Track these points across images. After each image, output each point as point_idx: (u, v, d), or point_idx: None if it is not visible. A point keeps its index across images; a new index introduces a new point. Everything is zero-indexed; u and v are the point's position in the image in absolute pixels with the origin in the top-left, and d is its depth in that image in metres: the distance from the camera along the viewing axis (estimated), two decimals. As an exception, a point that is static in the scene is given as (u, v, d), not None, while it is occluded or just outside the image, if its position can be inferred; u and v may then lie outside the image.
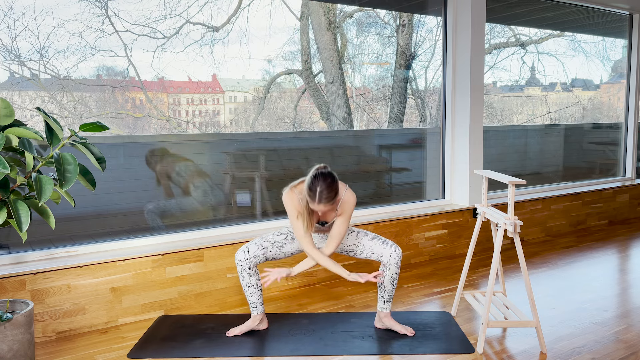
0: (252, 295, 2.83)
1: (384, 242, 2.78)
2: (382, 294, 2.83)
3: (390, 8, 4.59)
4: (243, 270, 2.77)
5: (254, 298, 2.84)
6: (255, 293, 2.83)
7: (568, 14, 5.54)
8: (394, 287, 2.81)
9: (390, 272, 2.76)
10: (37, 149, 2.50)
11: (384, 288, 2.81)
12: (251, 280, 2.79)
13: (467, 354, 2.60)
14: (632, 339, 2.77)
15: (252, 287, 2.81)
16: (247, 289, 2.82)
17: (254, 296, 2.83)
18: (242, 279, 2.80)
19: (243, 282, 2.80)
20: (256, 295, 2.83)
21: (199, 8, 3.68)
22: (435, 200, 4.63)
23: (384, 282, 2.78)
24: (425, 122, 4.95)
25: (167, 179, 3.56)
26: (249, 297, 2.84)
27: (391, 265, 2.75)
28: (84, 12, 3.30)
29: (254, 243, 2.79)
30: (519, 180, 2.59)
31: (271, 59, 4.10)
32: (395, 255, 2.74)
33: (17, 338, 2.28)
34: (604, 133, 6.29)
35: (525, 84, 5.90)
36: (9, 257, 2.95)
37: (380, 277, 2.66)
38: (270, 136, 4.27)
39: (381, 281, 2.74)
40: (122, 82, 3.58)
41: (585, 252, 4.54)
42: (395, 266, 2.75)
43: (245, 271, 2.77)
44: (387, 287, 2.80)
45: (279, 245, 2.82)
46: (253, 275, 2.79)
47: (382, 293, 2.83)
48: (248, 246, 2.78)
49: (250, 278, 2.79)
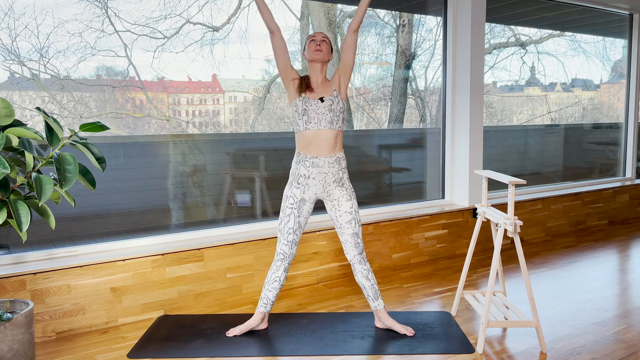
0: (272, 290, 2.85)
1: (355, 245, 2.81)
2: (367, 292, 2.86)
3: (390, 8, 4.59)
4: (282, 265, 2.81)
5: (272, 295, 2.85)
6: (275, 289, 2.85)
7: (568, 14, 5.53)
8: (371, 282, 2.83)
9: (357, 270, 2.82)
10: (37, 149, 2.50)
11: (363, 286, 2.85)
12: (281, 276, 2.83)
13: (467, 354, 2.60)
14: (632, 339, 2.77)
15: (277, 282, 2.84)
16: (272, 283, 2.83)
17: (272, 292, 2.85)
18: (275, 271, 2.82)
19: (273, 275, 2.83)
20: (274, 292, 2.85)
21: (199, 8, 3.68)
22: (435, 200, 4.63)
23: (360, 281, 2.84)
24: (425, 122, 4.95)
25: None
26: (267, 291, 2.85)
27: (354, 264, 2.82)
28: (84, 12, 3.30)
29: (282, 244, 2.81)
30: (519, 180, 2.59)
31: (271, 59, 4.10)
32: (350, 255, 2.81)
33: (17, 338, 2.28)
34: (604, 133, 6.29)
35: (525, 84, 5.90)
36: (9, 257, 2.95)
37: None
38: (270, 136, 4.27)
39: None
40: (122, 82, 3.58)
41: (585, 252, 4.54)
42: (358, 264, 2.81)
43: (284, 265, 2.82)
44: (364, 284, 2.83)
45: (296, 227, 2.81)
46: (284, 272, 2.84)
47: (366, 292, 2.86)
48: (281, 248, 2.81)
49: (283, 273, 2.83)
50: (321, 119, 2.71)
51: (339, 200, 2.80)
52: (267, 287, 2.85)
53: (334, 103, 2.74)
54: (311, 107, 2.71)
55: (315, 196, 2.81)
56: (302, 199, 2.78)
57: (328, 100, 2.73)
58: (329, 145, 2.74)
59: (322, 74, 2.79)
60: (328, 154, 2.75)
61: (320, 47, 2.74)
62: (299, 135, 2.77)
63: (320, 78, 2.79)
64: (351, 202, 2.81)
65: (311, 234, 3.70)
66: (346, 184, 2.82)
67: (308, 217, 2.86)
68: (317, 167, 2.75)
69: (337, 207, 2.81)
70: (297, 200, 2.78)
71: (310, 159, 2.75)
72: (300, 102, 2.73)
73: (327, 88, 2.79)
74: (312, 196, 2.80)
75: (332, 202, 2.82)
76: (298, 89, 2.75)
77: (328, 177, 2.77)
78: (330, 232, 3.78)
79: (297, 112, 2.74)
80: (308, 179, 2.77)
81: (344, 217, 2.80)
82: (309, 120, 2.72)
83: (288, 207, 2.79)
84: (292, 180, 2.81)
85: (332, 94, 2.76)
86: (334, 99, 2.74)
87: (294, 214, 2.79)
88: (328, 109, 2.72)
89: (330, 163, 2.76)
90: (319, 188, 2.79)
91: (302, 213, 2.80)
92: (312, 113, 2.71)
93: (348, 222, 2.80)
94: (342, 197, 2.79)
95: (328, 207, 2.85)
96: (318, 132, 2.72)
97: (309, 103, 2.72)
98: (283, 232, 2.81)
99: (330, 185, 2.78)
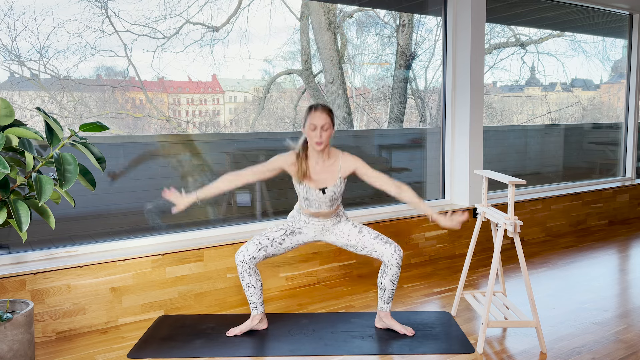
0: (253, 295, 2.83)
1: (385, 242, 2.78)
2: (383, 293, 2.83)
3: (390, 8, 4.59)
4: (243, 271, 2.77)
5: (254, 298, 2.84)
6: (255, 293, 2.82)
7: (568, 14, 5.54)
8: (394, 287, 2.81)
9: (391, 273, 2.76)
10: (37, 149, 2.50)
11: (384, 288, 2.81)
12: (251, 280, 2.79)
13: (467, 354, 2.60)
14: (632, 339, 2.77)
15: (252, 287, 2.80)
16: (248, 289, 2.81)
17: (254, 296, 2.83)
18: (242, 279, 2.79)
19: (243, 282, 2.80)
20: (256, 295, 2.83)
21: (199, 8, 3.68)
22: (435, 200, 4.63)
23: (384, 282, 2.79)
24: (425, 122, 4.95)
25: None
26: (249, 296, 2.84)
27: (392, 266, 2.75)
28: (83, 12, 3.30)
29: (252, 242, 2.78)
30: (519, 180, 2.59)
31: (271, 59, 4.10)
32: (396, 256, 2.74)
33: (17, 338, 2.28)
34: (604, 133, 6.29)
35: (525, 84, 5.90)
36: (9, 257, 2.95)
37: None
38: (270, 136, 4.27)
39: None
40: (122, 82, 3.58)
41: (585, 252, 4.53)
42: (396, 266, 2.75)
43: (245, 271, 2.77)
44: (387, 287, 2.80)
45: (278, 241, 2.82)
46: (253, 276, 2.79)
47: (383, 293, 2.83)
48: (247, 246, 2.77)
49: (251, 278, 2.78)
50: (322, 204, 2.76)
51: (340, 229, 2.87)
52: (246, 294, 2.85)
53: (336, 193, 2.75)
54: (313, 197, 2.73)
55: (314, 236, 2.88)
56: (300, 229, 2.86)
57: (330, 192, 2.73)
58: (329, 215, 2.82)
59: (324, 155, 2.71)
60: (327, 218, 2.84)
61: (322, 139, 2.61)
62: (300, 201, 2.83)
63: (322, 160, 2.72)
64: (350, 222, 2.88)
65: (311, 234, 3.70)
66: (343, 218, 2.90)
67: (291, 249, 2.89)
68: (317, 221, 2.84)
69: (340, 234, 2.86)
70: (294, 227, 2.86)
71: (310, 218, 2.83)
72: (302, 189, 2.74)
73: (330, 173, 2.72)
74: (311, 235, 2.87)
75: (335, 236, 2.88)
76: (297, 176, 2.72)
77: (327, 223, 2.85)
78: (330, 232, 3.78)
79: (297, 190, 2.79)
80: (308, 224, 2.85)
81: (352, 233, 2.84)
82: (310, 204, 2.77)
83: (283, 223, 2.88)
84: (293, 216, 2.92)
85: (335, 183, 2.73)
86: (336, 189, 2.73)
87: (287, 231, 2.84)
88: (330, 198, 2.74)
89: (330, 219, 2.85)
90: (317, 230, 2.86)
91: (292, 239, 2.85)
92: (314, 201, 2.74)
93: (358, 232, 2.83)
94: (342, 225, 2.87)
95: (332, 240, 2.89)
96: (319, 212, 2.79)
97: (310, 193, 2.72)
98: (262, 235, 2.81)
99: (329, 229, 2.87)
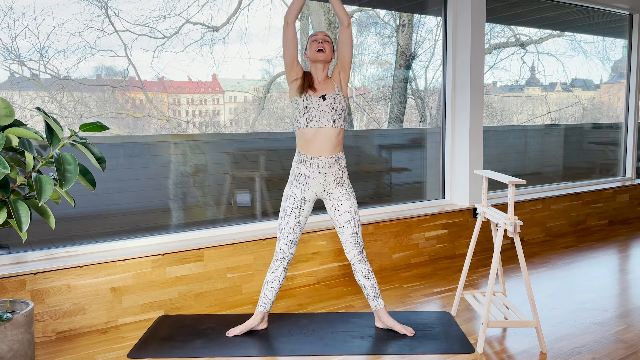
0: (272, 290, 2.85)
1: (355, 242, 2.81)
2: (367, 292, 2.86)
3: (390, 8, 4.59)
4: (281, 264, 2.81)
5: (271, 294, 2.85)
6: (274, 289, 2.85)
7: (568, 14, 5.53)
8: (372, 281, 2.84)
9: (358, 269, 2.82)
10: (37, 149, 2.50)
11: (363, 286, 2.85)
12: (280, 275, 2.83)
13: (467, 354, 2.60)
14: (632, 339, 2.77)
15: (277, 281, 2.84)
16: (271, 283, 2.83)
17: (272, 292, 2.85)
18: (274, 270, 2.82)
19: (273, 274, 2.83)
20: (274, 292, 2.86)
21: (199, 8, 3.68)
22: (435, 200, 4.63)
23: (360, 280, 2.84)
24: (425, 122, 4.95)
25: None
26: (266, 291, 2.85)
27: (355, 263, 2.82)
28: (83, 12, 3.30)
29: (282, 243, 2.80)
30: (519, 180, 2.59)
31: (271, 59, 4.10)
32: (352, 254, 2.81)
33: (17, 338, 2.28)
34: (604, 133, 6.29)
35: (525, 84, 5.90)
36: (9, 257, 2.95)
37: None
38: (270, 136, 4.27)
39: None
40: (122, 82, 3.58)
41: (585, 252, 4.53)
42: (359, 263, 2.81)
43: (283, 265, 2.81)
44: (365, 283, 2.83)
45: (296, 227, 2.81)
46: (285, 271, 2.84)
47: (366, 291, 2.86)
48: (281, 247, 2.81)
49: (282, 273, 2.83)
50: (323, 117, 2.71)
51: (339, 200, 2.80)
52: (266, 286, 2.85)
53: (336, 101, 2.74)
54: (312, 105, 2.70)
55: (316, 196, 2.81)
56: (303, 199, 2.78)
57: (330, 98, 2.72)
58: (331, 144, 2.74)
59: (324, 73, 2.79)
60: (329, 154, 2.75)
61: (323, 46, 2.73)
62: (299, 133, 2.77)
63: (322, 77, 2.79)
64: (350, 202, 2.81)
65: (311, 234, 3.70)
66: (346, 183, 2.82)
67: (308, 217, 2.86)
68: (318, 168, 2.75)
69: (337, 207, 2.81)
70: (297, 199, 2.78)
71: (311, 159, 2.75)
72: (302, 100, 2.72)
73: (328, 86, 2.78)
74: (312, 196, 2.80)
75: (331, 202, 2.82)
76: (300, 89, 2.74)
77: (328, 177, 2.77)
78: (330, 232, 3.78)
79: (297, 109, 2.74)
80: (308, 178, 2.77)
81: (344, 216, 2.80)
82: (310, 118, 2.71)
83: (288, 207, 2.79)
84: (293, 180, 2.81)
85: (334, 91, 2.76)
86: (335, 97, 2.74)
87: (295, 213, 2.79)
88: (330, 107, 2.71)
89: (331, 163, 2.76)
90: (319, 188, 2.79)
91: (303, 212, 2.80)
92: (314, 111, 2.71)
93: (347, 221, 2.80)
94: (342, 196, 2.80)
95: (328, 206, 2.85)
96: (319, 130, 2.71)
97: (310, 101, 2.71)
98: (283, 232, 2.81)
99: (330, 185, 2.79)
